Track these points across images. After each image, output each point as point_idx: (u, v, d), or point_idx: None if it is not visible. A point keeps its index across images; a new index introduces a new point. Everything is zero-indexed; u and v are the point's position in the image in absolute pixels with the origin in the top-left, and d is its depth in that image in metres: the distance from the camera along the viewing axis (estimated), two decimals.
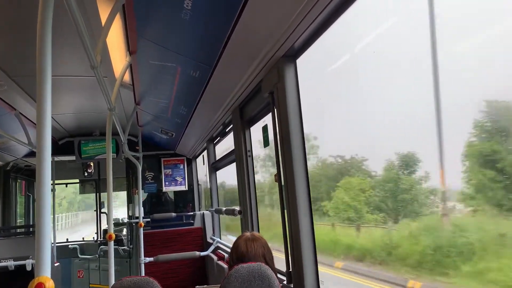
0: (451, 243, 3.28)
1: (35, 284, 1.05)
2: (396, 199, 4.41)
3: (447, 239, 3.37)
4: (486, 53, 2.04)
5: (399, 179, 4.23)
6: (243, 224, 3.50)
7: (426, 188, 3.99)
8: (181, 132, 5.02)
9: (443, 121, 2.96)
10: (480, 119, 2.41)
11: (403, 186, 4.23)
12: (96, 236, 8.11)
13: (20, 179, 7.58)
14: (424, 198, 4.04)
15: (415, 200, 4.13)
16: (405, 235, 4.19)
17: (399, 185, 4.28)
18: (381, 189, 4.78)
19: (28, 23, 2.45)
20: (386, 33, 2.35)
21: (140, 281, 1.83)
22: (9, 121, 4.25)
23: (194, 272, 5.82)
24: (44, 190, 1.16)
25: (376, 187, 5.00)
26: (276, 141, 2.52)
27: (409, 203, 4.19)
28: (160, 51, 2.81)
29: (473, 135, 2.56)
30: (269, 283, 1.83)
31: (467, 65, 2.22)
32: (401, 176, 4.19)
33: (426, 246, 3.68)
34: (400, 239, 4.30)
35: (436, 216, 3.81)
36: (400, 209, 4.37)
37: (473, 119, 2.36)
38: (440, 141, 3.11)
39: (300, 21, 1.88)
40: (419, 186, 4.08)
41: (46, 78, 1.23)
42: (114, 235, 3.16)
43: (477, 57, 2.15)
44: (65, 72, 3.34)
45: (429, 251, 3.60)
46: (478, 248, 3.00)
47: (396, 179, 4.28)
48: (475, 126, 2.48)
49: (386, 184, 4.60)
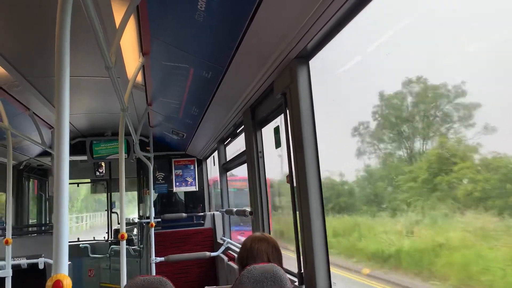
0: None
1: (53, 281, 1.07)
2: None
3: None
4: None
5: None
6: (254, 225, 3.50)
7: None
8: (192, 133, 5.04)
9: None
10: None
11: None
12: (107, 235, 8.16)
13: (32, 179, 7.66)
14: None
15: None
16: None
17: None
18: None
19: (43, 24, 2.48)
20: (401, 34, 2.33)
21: (154, 280, 1.85)
22: (23, 121, 4.30)
23: (204, 272, 5.84)
24: (62, 189, 1.18)
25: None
26: (288, 142, 2.52)
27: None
28: (173, 52, 2.83)
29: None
30: (281, 284, 1.83)
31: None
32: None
33: None
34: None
35: None
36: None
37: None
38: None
39: (314, 22, 1.87)
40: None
41: (64, 79, 1.24)
42: (126, 235, 3.18)
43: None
44: (79, 73, 3.38)
45: None
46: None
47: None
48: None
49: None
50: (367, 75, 2.86)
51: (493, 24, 1.82)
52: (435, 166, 4.30)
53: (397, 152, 5.71)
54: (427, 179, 4.53)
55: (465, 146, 3.74)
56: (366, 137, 6.11)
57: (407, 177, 5.03)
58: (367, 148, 6.15)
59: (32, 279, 4.81)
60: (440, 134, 4.64)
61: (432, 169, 4.42)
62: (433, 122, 4.76)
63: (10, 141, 4.07)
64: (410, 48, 2.31)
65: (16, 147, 5.36)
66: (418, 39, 2.29)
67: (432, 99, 4.51)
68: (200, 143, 5.61)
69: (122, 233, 3.14)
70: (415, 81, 4.56)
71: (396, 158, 5.69)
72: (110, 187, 8.67)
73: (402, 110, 5.24)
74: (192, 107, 3.99)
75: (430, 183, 4.38)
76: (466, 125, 3.87)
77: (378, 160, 6.21)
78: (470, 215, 3.99)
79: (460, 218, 4.13)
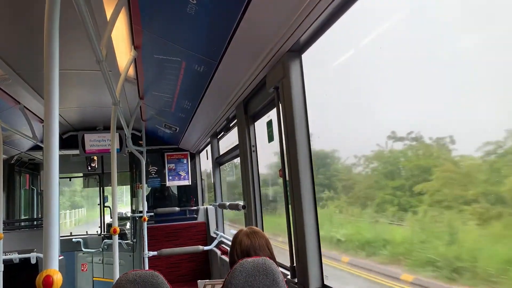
0: None
1: (43, 277, 1.06)
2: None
3: None
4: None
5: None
6: (247, 219, 3.51)
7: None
8: (185, 127, 5.02)
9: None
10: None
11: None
12: (100, 230, 8.14)
13: (24, 173, 7.60)
14: None
15: None
16: None
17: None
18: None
19: (33, 17, 2.45)
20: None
21: (146, 275, 1.84)
22: (13, 115, 4.26)
23: (197, 266, 5.85)
24: (52, 183, 1.17)
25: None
26: (280, 136, 2.52)
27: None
28: (164, 45, 2.80)
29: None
30: (274, 278, 1.84)
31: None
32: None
33: None
34: None
35: None
36: None
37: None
38: None
39: (306, 15, 1.87)
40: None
41: (53, 73, 1.22)
42: (119, 229, 3.17)
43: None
44: (70, 66, 3.34)
45: None
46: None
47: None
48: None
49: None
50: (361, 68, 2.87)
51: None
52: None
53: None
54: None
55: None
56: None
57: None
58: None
59: (24, 274, 4.79)
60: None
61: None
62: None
63: (0, 136, 4.03)
64: (405, 41, 2.32)
65: (6, 141, 5.31)
66: (414, 31, 2.29)
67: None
68: (193, 137, 5.60)
69: (115, 227, 3.13)
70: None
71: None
72: (103, 181, 8.64)
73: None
74: (185, 100, 3.97)
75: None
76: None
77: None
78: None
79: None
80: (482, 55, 1.97)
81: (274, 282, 1.83)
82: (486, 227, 2.41)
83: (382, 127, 3.32)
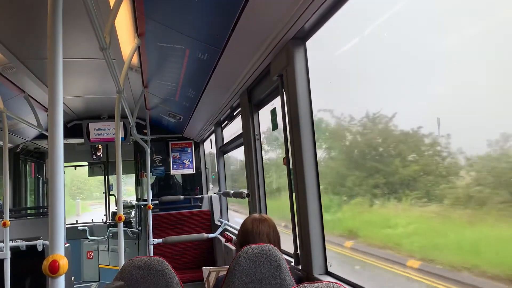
0: None
1: (49, 262, 1.07)
2: None
3: None
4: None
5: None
6: (251, 207, 3.53)
7: None
8: (189, 116, 5.03)
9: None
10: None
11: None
12: (105, 217, 8.21)
13: (30, 161, 7.66)
14: None
15: None
16: None
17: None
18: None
19: (37, 5, 2.44)
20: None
21: (151, 261, 1.87)
22: (18, 104, 4.27)
23: (202, 253, 5.90)
24: (57, 172, 1.18)
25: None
26: (284, 124, 2.52)
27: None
28: (168, 33, 2.79)
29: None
30: (278, 264, 1.85)
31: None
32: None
33: None
34: None
35: None
36: None
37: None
38: None
39: (310, 2, 1.85)
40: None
41: (57, 61, 1.22)
42: (124, 217, 3.19)
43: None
44: (74, 55, 3.34)
45: None
46: None
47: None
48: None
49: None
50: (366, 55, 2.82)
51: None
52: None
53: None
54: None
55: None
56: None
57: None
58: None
59: (31, 261, 4.85)
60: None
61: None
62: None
63: (5, 124, 4.05)
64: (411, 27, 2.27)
65: (12, 130, 5.34)
66: (420, 18, 2.25)
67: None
68: (197, 125, 5.60)
69: (120, 215, 3.15)
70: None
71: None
72: (108, 170, 8.69)
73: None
74: (189, 89, 3.96)
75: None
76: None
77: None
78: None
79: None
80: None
81: (278, 268, 1.85)
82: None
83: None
